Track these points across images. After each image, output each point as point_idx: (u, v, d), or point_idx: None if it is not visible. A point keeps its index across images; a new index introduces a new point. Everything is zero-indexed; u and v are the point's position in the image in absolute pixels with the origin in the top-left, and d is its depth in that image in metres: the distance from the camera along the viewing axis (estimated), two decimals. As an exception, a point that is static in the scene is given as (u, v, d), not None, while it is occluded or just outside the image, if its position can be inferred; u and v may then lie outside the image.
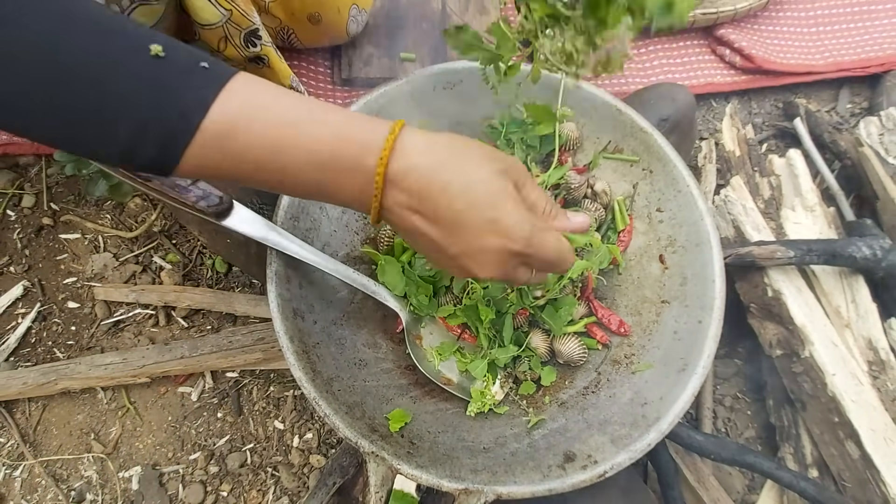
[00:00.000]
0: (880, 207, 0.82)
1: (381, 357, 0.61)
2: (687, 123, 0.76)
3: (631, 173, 0.66)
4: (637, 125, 0.64)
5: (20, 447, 0.78)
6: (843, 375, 0.68)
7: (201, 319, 0.86)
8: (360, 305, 0.63)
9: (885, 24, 1.05)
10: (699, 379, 0.52)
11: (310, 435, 0.79)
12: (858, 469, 0.65)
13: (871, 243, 0.72)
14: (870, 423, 0.66)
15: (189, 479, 0.77)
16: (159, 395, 0.81)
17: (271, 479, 0.77)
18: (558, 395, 0.59)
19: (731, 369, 0.83)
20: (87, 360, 0.77)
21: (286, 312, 0.54)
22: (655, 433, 0.50)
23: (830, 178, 0.89)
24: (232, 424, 0.80)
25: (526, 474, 0.48)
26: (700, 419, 0.78)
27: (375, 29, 1.03)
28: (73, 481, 0.77)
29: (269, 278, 0.54)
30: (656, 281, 0.62)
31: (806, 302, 0.73)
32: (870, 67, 1.01)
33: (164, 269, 0.87)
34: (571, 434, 0.53)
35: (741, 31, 1.02)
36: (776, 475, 0.63)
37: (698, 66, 1.03)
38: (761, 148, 0.99)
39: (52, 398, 0.80)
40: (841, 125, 0.94)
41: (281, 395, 0.81)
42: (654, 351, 0.58)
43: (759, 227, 0.79)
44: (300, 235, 0.59)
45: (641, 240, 0.65)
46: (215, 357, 0.77)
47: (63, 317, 0.85)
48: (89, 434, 0.79)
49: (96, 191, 0.60)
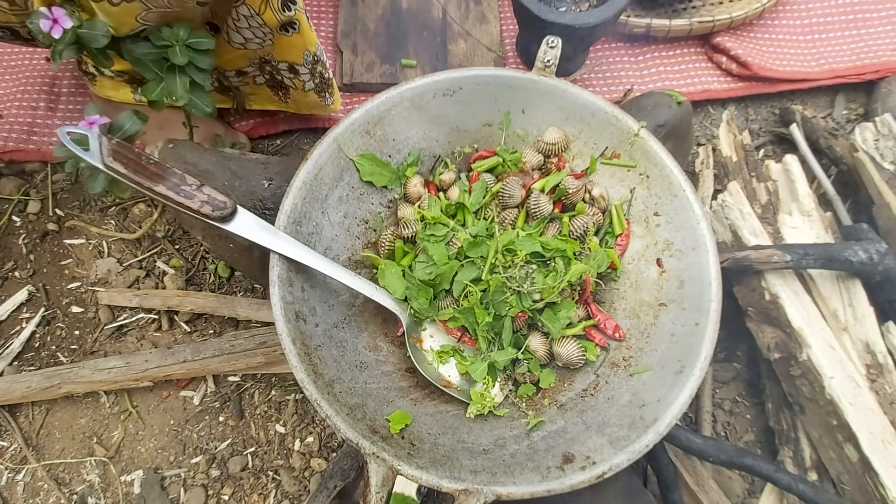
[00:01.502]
0: (876, 212, 0.83)
1: (382, 360, 0.62)
2: (684, 129, 0.77)
3: (628, 178, 0.67)
4: (634, 131, 0.65)
5: (23, 451, 0.78)
6: (841, 379, 0.69)
7: (204, 324, 0.86)
8: (362, 309, 0.64)
9: (879, 32, 1.06)
10: (696, 381, 0.53)
11: (311, 438, 0.79)
12: (857, 472, 0.66)
13: (868, 247, 0.72)
14: (868, 426, 0.66)
15: (191, 483, 0.77)
16: (161, 399, 0.82)
17: (272, 483, 0.77)
18: (557, 397, 0.60)
19: (729, 373, 0.83)
20: (91, 365, 0.78)
21: (289, 315, 0.54)
22: (653, 434, 0.50)
23: (827, 183, 0.90)
24: (233, 428, 0.80)
25: (525, 475, 0.49)
26: (699, 423, 0.78)
27: (377, 36, 1.04)
28: (75, 485, 0.77)
29: (272, 282, 0.55)
30: (654, 284, 0.63)
31: (803, 305, 0.74)
32: (865, 74, 1.02)
33: (167, 274, 0.88)
34: (570, 436, 0.54)
35: (737, 39, 1.03)
36: (775, 478, 0.63)
37: (695, 74, 1.04)
38: (758, 153, 1.00)
39: (56, 402, 0.81)
40: (837, 131, 0.95)
41: (282, 398, 0.82)
42: (652, 353, 0.58)
43: (756, 231, 0.79)
44: (302, 240, 0.60)
45: (639, 243, 0.66)
46: (217, 361, 0.77)
47: (67, 321, 0.86)
48: (92, 438, 0.79)
49: (96, 186, 0.62)
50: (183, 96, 0.65)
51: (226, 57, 0.79)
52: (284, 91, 0.88)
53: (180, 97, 0.65)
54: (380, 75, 1.01)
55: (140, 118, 0.66)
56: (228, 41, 0.75)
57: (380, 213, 0.68)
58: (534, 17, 0.87)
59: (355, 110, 0.65)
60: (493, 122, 0.70)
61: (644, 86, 1.03)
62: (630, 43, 1.07)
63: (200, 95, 0.68)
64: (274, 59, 0.80)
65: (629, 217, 0.67)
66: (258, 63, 0.82)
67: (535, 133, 0.70)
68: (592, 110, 0.67)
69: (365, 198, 0.67)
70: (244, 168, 0.70)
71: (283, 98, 0.90)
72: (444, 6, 1.07)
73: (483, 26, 1.06)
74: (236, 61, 0.81)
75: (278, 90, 0.88)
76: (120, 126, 0.65)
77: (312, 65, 0.82)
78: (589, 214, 0.65)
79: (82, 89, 1.01)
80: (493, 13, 1.08)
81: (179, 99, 0.65)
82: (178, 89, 0.65)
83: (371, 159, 0.66)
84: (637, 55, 1.06)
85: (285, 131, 1.00)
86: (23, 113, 0.97)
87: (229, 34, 0.74)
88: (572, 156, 0.70)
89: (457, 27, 1.06)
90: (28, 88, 0.99)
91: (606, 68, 1.05)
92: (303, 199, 0.60)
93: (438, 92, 0.67)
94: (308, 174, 0.61)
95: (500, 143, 0.71)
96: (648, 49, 1.06)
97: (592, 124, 0.68)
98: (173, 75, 0.65)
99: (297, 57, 0.80)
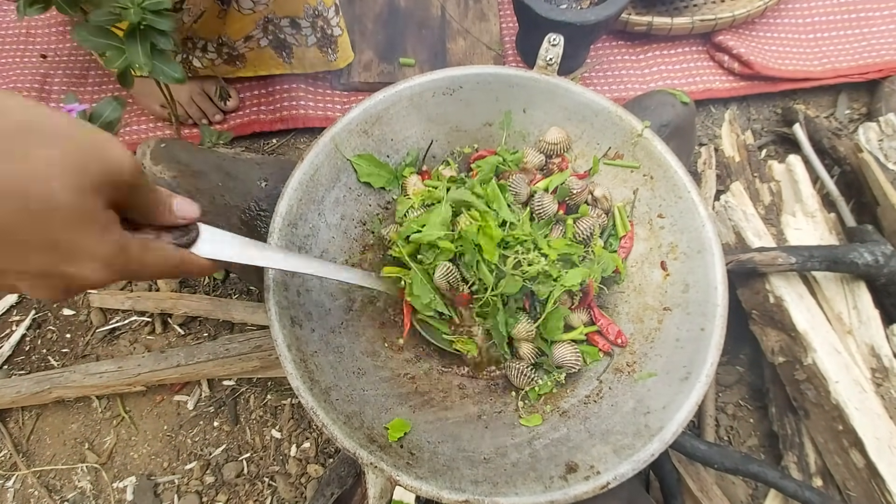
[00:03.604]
0: (880, 213, 0.81)
1: (380, 365, 0.60)
2: (687, 129, 0.76)
3: (632, 179, 0.66)
4: (637, 131, 0.64)
5: (13, 457, 0.76)
6: (846, 383, 0.68)
7: (198, 327, 0.85)
8: (359, 313, 0.62)
9: (882, 31, 1.05)
10: (702, 387, 0.51)
11: (307, 444, 0.78)
12: (863, 478, 0.65)
13: (873, 249, 0.71)
14: (874, 431, 0.65)
15: (184, 490, 0.75)
16: (155, 404, 0.80)
17: (268, 490, 0.76)
18: (559, 403, 0.59)
19: (733, 377, 0.82)
20: (82, 369, 0.76)
21: (284, 321, 0.53)
22: (659, 443, 0.49)
23: (830, 183, 0.89)
24: (228, 433, 0.79)
25: (527, 485, 0.48)
26: (702, 427, 0.77)
27: (375, 34, 1.03)
28: (66, 492, 0.75)
29: (267, 286, 0.54)
30: (658, 288, 0.61)
31: (808, 308, 0.73)
32: (868, 73, 1.01)
33: (160, 276, 0.87)
34: (573, 444, 0.52)
35: (739, 38, 1.02)
36: (780, 485, 0.62)
37: (697, 73, 1.03)
38: (761, 154, 0.99)
39: (46, 407, 0.79)
40: (840, 131, 0.94)
41: (278, 403, 0.80)
42: (657, 359, 0.57)
43: (759, 233, 0.78)
44: (298, 242, 0.58)
45: (643, 246, 0.64)
46: (212, 365, 0.76)
47: (58, 324, 0.84)
48: (83, 443, 0.78)
49: None
50: (146, 63, 0.61)
51: (235, 26, 0.81)
52: (288, 51, 0.89)
53: (143, 65, 0.61)
54: (378, 74, 0.99)
55: (119, 103, 0.64)
56: (239, 9, 0.76)
57: (378, 214, 0.67)
58: (534, 14, 0.86)
59: (353, 109, 0.63)
60: (494, 122, 0.69)
61: (645, 85, 1.02)
62: (631, 41, 1.06)
63: (165, 61, 0.64)
64: (276, 17, 0.81)
65: (633, 219, 0.65)
66: (262, 24, 0.83)
67: (536, 133, 0.69)
68: (595, 109, 0.65)
69: (363, 199, 0.66)
70: (238, 168, 0.68)
71: (287, 58, 0.91)
72: (443, 4, 1.06)
73: (482, 24, 1.05)
74: (245, 27, 0.82)
75: (282, 50, 0.89)
76: (100, 114, 0.63)
77: (314, 18, 0.84)
78: (593, 216, 0.64)
79: (74, 86, 0.99)
80: (492, 11, 1.06)
81: (143, 67, 0.62)
82: (140, 56, 0.61)
83: (369, 159, 0.65)
84: (638, 54, 1.05)
85: (281, 130, 0.99)
86: (13, 111, 0.95)
87: (239, 1, 0.76)
88: (574, 156, 0.69)
89: (456, 25, 1.05)
90: (19, 85, 0.98)
91: (607, 67, 1.04)
92: (298, 200, 0.59)
93: (438, 91, 0.66)
94: (304, 175, 0.59)
95: (501, 142, 0.69)
96: (650, 47, 1.05)
97: (595, 124, 0.66)
98: (134, 42, 0.61)
99: (297, 10, 0.81)
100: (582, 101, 0.66)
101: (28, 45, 1.02)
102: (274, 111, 0.97)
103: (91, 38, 0.62)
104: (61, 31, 1.04)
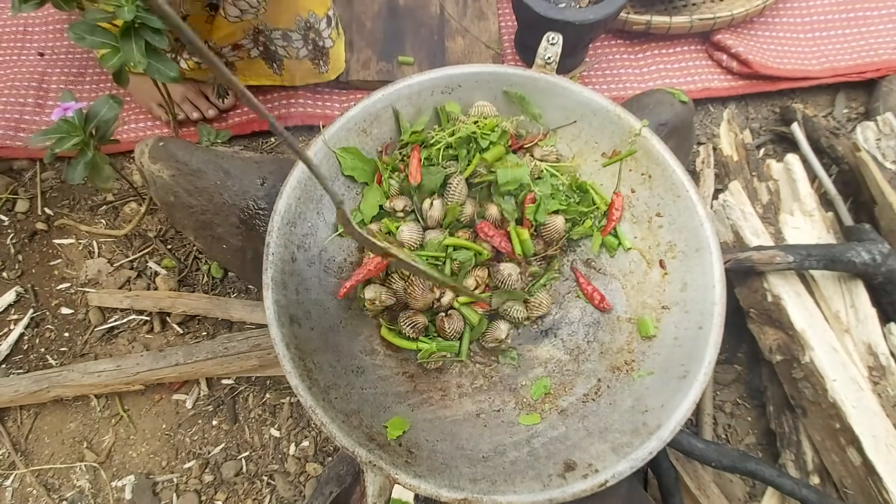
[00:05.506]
0: (878, 212, 0.82)
1: (379, 364, 0.60)
2: (685, 128, 0.76)
3: (630, 178, 0.66)
4: (635, 130, 0.64)
5: (11, 456, 0.76)
6: (843, 381, 0.68)
7: (196, 326, 0.85)
8: (358, 312, 0.63)
9: (880, 30, 1.05)
10: (700, 386, 0.52)
11: (306, 443, 0.78)
12: (860, 476, 0.65)
13: (870, 248, 0.71)
14: (871, 429, 0.65)
15: (183, 489, 0.76)
16: (153, 403, 0.80)
17: (267, 488, 0.76)
18: (558, 401, 0.59)
19: (730, 375, 0.82)
20: (81, 368, 0.76)
21: (282, 319, 0.53)
22: (657, 441, 0.49)
23: (828, 182, 0.89)
24: (227, 432, 0.79)
25: (526, 483, 0.48)
26: (700, 425, 0.77)
27: (374, 33, 1.02)
28: (65, 490, 0.75)
29: (265, 285, 0.54)
30: (656, 286, 0.62)
31: (805, 307, 0.73)
32: (866, 73, 1.01)
33: (159, 275, 0.87)
34: (572, 442, 0.52)
35: (738, 37, 1.02)
36: (778, 483, 0.63)
37: (695, 72, 1.03)
38: (759, 153, 0.99)
39: (45, 406, 0.79)
40: (838, 130, 0.94)
41: (277, 402, 0.80)
42: (655, 357, 0.57)
43: (757, 231, 0.78)
44: (297, 241, 0.58)
45: (641, 245, 0.65)
46: (210, 364, 0.76)
47: (56, 323, 0.84)
48: (82, 442, 0.78)
49: (75, 176, 0.60)
50: (141, 61, 0.62)
51: (222, 33, 0.80)
52: (279, 63, 0.89)
53: (138, 62, 0.62)
54: (376, 73, 0.99)
55: (116, 101, 0.64)
56: (225, 16, 0.76)
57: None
58: (533, 13, 0.86)
59: (351, 108, 0.63)
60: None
61: (644, 84, 1.02)
62: (630, 40, 1.06)
63: (160, 59, 0.64)
64: (267, 28, 0.81)
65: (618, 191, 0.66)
66: (252, 34, 0.83)
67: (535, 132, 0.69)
68: (594, 108, 0.65)
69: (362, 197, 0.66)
70: (237, 167, 0.68)
71: (278, 70, 0.91)
72: (442, 3, 1.06)
73: (481, 23, 1.05)
74: (232, 35, 0.81)
75: (272, 62, 0.89)
76: (97, 112, 0.63)
77: (305, 31, 0.83)
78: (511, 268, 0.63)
79: (71, 84, 0.99)
80: (491, 10, 1.06)
81: (138, 65, 0.62)
82: (135, 54, 0.62)
83: (353, 153, 0.64)
84: (637, 53, 1.05)
85: (280, 129, 0.98)
86: (10, 109, 0.95)
87: (226, 9, 0.75)
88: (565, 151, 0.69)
89: (455, 24, 1.04)
90: (16, 84, 0.97)
91: (606, 66, 1.04)
92: (297, 199, 0.59)
93: (436, 89, 0.66)
94: (303, 173, 0.59)
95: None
96: (648, 46, 1.05)
97: (593, 123, 0.66)
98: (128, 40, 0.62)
99: (288, 23, 0.81)
100: (580, 100, 0.66)
101: (26, 43, 1.02)
102: (272, 110, 0.97)
103: (86, 36, 0.62)
104: (59, 29, 1.03)
